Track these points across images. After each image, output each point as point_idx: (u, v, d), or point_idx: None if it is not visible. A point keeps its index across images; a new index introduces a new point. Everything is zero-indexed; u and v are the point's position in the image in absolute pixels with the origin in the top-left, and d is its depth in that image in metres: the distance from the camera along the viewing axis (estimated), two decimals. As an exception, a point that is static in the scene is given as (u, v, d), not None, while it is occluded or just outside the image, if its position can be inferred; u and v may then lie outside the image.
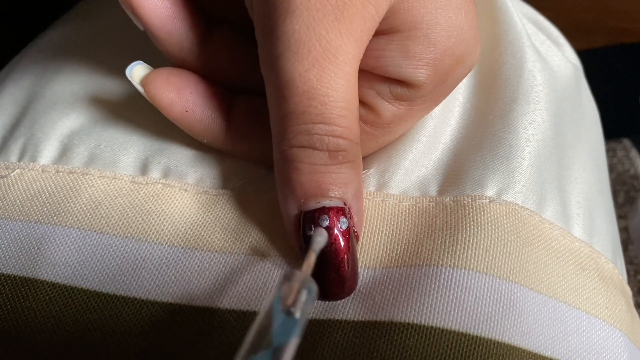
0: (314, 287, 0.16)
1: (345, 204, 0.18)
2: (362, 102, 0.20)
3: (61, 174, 0.22)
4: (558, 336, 0.19)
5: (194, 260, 0.20)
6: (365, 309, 0.19)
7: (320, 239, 0.18)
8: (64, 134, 0.23)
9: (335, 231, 0.18)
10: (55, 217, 0.21)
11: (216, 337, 0.18)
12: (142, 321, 0.19)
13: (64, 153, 0.22)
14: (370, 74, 0.19)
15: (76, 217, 0.21)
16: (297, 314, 0.15)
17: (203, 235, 0.20)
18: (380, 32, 0.18)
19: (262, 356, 0.14)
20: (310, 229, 0.18)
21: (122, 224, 0.21)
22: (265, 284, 0.19)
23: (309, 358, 0.18)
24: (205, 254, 0.20)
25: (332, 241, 0.18)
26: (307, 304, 0.15)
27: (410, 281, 0.19)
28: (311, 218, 0.18)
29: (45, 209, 0.21)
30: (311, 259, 0.17)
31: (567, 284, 0.20)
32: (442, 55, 0.19)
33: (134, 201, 0.21)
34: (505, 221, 0.20)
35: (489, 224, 0.20)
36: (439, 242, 0.19)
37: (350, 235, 0.18)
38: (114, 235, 0.20)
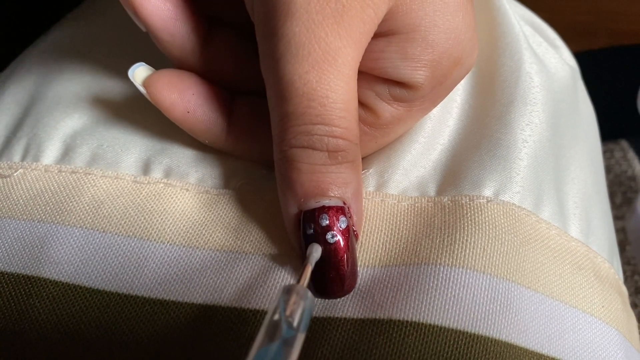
0: (310, 300, 0.17)
1: (344, 203, 0.19)
2: (362, 103, 0.20)
3: (64, 173, 0.22)
4: (555, 334, 0.19)
5: (195, 259, 0.20)
6: (365, 307, 0.19)
7: (315, 255, 0.18)
8: (67, 134, 0.23)
9: (335, 230, 0.18)
10: (58, 216, 0.21)
11: (217, 335, 0.18)
12: (143, 319, 0.19)
13: (67, 153, 0.23)
14: (369, 75, 0.19)
15: (79, 216, 0.21)
16: (295, 323, 0.16)
17: (204, 234, 0.21)
18: (379, 34, 0.18)
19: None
20: (310, 228, 0.18)
21: (124, 223, 0.21)
22: (266, 282, 0.19)
23: (308, 355, 0.18)
24: (207, 252, 0.20)
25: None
26: (305, 314, 0.16)
27: (409, 280, 0.19)
28: (311, 217, 0.18)
29: (48, 208, 0.21)
30: (307, 271, 0.17)
31: (563, 282, 0.20)
32: (440, 57, 0.19)
33: (136, 200, 0.21)
34: (502, 221, 0.20)
35: (487, 224, 0.20)
36: (438, 241, 0.20)
37: (350, 234, 0.19)
38: (116, 234, 0.20)
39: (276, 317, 0.16)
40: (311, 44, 0.17)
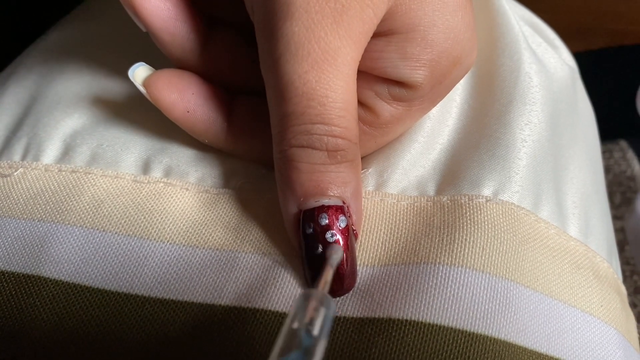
0: (332, 305, 0.16)
1: (344, 202, 0.19)
2: (361, 103, 0.20)
3: (64, 173, 0.22)
4: (554, 333, 0.19)
5: (195, 258, 0.20)
6: (364, 306, 0.19)
7: (336, 256, 0.18)
8: (67, 134, 0.23)
9: (334, 229, 0.18)
10: (58, 216, 0.21)
11: (217, 334, 0.18)
12: (144, 318, 0.19)
13: (67, 152, 0.23)
14: (369, 75, 0.19)
15: (79, 215, 0.21)
16: (315, 331, 0.15)
17: (204, 233, 0.21)
18: (379, 34, 0.18)
19: None
20: (310, 227, 0.18)
21: (125, 222, 0.21)
22: (265, 281, 0.19)
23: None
24: (207, 251, 0.20)
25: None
26: (326, 321, 0.15)
27: (408, 279, 0.19)
28: (310, 216, 0.18)
29: (48, 207, 0.21)
30: (328, 275, 0.17)
31: (562, 282, 0.20)
32: (439, 57, 0.19)
33: (136, 200, 0.21)
34: (501, 220, 0.20)
35: (486, 223, 0.20)
36: (437, 240, 0.20)
37: (349, 233, 0.19)
38: (116, 233, 0.20)
39: (295, 325, 0.15)
40: (310, 43, 0.17)
